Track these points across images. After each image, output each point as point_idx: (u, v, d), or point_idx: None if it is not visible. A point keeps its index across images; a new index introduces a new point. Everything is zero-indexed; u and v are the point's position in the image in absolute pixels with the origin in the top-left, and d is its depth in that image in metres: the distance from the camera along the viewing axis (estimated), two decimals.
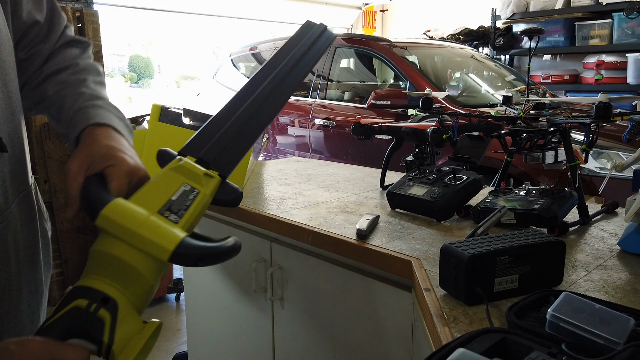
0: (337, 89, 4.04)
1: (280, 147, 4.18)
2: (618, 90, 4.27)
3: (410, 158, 1.48)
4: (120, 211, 0.56)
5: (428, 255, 0.99)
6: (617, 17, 4.28)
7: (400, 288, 1.02)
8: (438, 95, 1.69)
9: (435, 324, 0.73)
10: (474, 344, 0.57)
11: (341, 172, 1.83)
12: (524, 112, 1.25)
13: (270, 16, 6.48)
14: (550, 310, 0.61)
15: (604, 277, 0.88)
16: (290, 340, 1.34)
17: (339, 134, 3.64)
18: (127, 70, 19.60)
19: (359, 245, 1.07)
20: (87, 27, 2.86)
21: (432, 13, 6.32)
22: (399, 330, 1.04)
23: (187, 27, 15.60)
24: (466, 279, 0.75)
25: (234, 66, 5.04)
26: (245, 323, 1.50)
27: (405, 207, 1.28)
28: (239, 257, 0.66)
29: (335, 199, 1.43)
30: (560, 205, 1.08)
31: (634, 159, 1.06)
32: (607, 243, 1.05)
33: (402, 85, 3.56)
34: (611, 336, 0.56)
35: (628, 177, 1.23)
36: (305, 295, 1.27)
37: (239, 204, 0.65)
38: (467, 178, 1.23)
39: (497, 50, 5.24)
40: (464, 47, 4.41)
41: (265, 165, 1.99)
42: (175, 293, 3.01)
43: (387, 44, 3.76)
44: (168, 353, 2.43)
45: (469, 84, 3.86)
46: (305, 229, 1.18)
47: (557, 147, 1.23)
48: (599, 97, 1.08)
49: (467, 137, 1.32)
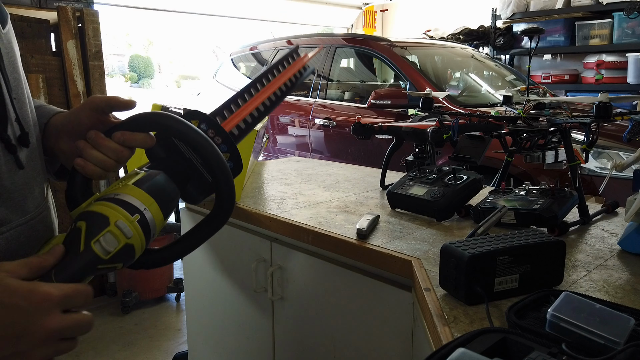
0: (337, 88, 4.04)
1: (280, 147, 4.18)
2: (618, 90, 4.27)
3: (411, 158, 1.48)
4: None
5: (428, 255, 0.99)
6: (618, 16, 4.28)
7: (401, 288, 1.02)
8: (438, 95, 1.69)
9: (436, 323, 0.73)
10: (474, 343, 0.57)
11: (341, 172, 1.83)
12: (524, 112, 1.25)
13: (270, 16, 6.48)
14: (551, 310, 0.61)
15: (604, 277, 0.88)
16: (291, 340, 1.34)
17: (339, 134, 3.64)
18: (127, 70, 19.62)
19: (359, 245, 1.07)
20: (87, 27, 2.86)
21: (432, 13, 6.32)
22: (399, 330, 1.04)
23: (187, 27, 15.61)
24: (466, 279, 0.75)
25: (234, 66, 5.04)
26: (246, 323, 1.50)
27: (405, 207, 1.28)
28: (239, 257, 0.67)
29: (336, 199, 1.43)
30: (560, 205, 1.08)
31: (634, 159, 1.06)
32: (607, 243, 1.05)
33: (402, 85, 3.56)
34: (611, 336, 0.56)
35: (628, 177, 1.24)
36: (306, 295, 1.27)
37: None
38: (467, 178, 1.23)
39: (497, 50, 5.24)
40: (464, 47, 4.41)
41: (266, 165, 1.99)
42: (175, 293, 3.01)
43: (387, 43, 3.76)
44: (168, 353, 2.43)
45: (469, 84, 3.86)
46: (306, 228, 1.18)
47: (557, 147, 1.23)
48: (599, 97, 1.08)
49: (467, 137, 1.32)
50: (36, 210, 0.70)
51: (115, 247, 0.61)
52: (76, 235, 0.61)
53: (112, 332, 2.64)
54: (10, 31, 0.71)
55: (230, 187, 0.70)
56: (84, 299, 0.59)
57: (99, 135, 0.69)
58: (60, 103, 2.80)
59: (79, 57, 2.85)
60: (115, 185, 0.67)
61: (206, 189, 0.73)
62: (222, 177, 0.69)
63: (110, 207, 0.62)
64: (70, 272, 0.60)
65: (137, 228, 0.63)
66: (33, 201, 0.70)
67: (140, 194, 0.65)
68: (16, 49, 0.72)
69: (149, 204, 0.65)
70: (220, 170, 0.69)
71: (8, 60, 0.67)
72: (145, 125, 0.70)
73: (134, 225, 0.62)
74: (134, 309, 2.86)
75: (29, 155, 0.70)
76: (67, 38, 2.80)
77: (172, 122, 0.67)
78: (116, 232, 0.61)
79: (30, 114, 0.72)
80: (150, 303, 2.94)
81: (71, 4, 2.87)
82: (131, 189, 0.65)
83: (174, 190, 0.71)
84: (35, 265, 0.58)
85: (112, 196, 0.64)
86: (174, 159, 0.72)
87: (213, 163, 0.68)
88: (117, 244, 0.61)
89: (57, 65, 2.82)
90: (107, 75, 3.10)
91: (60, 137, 0.76)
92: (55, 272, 0.59)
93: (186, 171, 0.72)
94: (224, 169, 0.69)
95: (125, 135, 0.69)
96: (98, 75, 2.94)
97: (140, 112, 0.71)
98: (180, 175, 0.72)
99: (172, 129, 0.68)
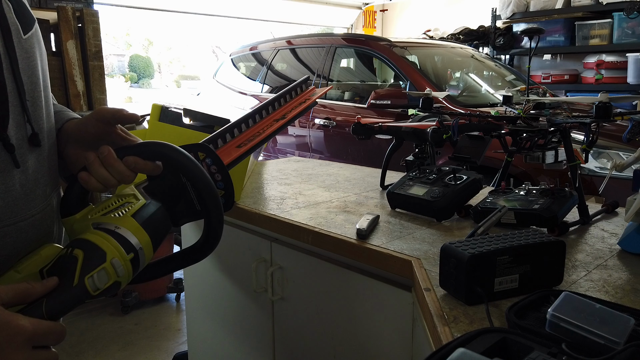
0: (337, 88, 4.04)
1: (280, 147, 4.18)
2: (618, 90, 4.27)
3: (411, 158, 1.48)
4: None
5: (428, 255, 0.99)
6: (617, 16, 4.28)
7: (400, 288, 1.02)
8: (438, 95, 1.69)
9: (436, 323, 0.73)
10: (474, 343, 0.57)
11: (341, 172, 1.83)
12: (524, 111, 1.25)
13: (270, 16, 6.48)
14: (551, 310, 0.61)
15: (604, 276, 0.88)
16: (291, 340, 1.34)
17: (339, 134, 3.64)
18: (127, 70, 19.62)
19: (359, 245, 1.07)
20: (87, 27, 2.86)
21: (432, 13, 6.32)
22: (399, 330, 1.04)
23: (187, 27, 15.61)
24: (466, 279, 0.75)
25: (234, 66, 5.04)
26: (246, 323, 1.50)
27: (405, 207, 1.28)
28: (239, 257, 0.68)
29: (336, 199, 1.43)
30: (560, 205, 1.08)
31: (634, 159, 1.06)
32: (607, 243, 1.05)
33: (402, 85, 3.56)
34: (611, 336, 0.56)
35: (628, 177, 1.24)
36: (306, 295, 1.27)
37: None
38: (467, 178, 1.23)
39: (497, 50, 5.24)
40: (464, 47, 4.40)
41: (266, 165, 1.99)
42: (175, 293, 3.01)
43: (387, 43, 3.75)
44: (168, 353, 2.43)
45: (469, 84, 3.86)
46: (306, 228, 1.18)
47: (557, 147, 1.23)
48: (599, 96, 1.08)
49: (467, 137, 1.32)
50: (29, 212, 0.70)
51: (105, 284, 0.62)
52: (71, 265, 0.62)
53: (112, 332, 2.64)
54: (34, 37, 0.73)
55: (220, 226, 0.72)
56: (56, 339, 0.60)
57: (111, 155, 0.70)
58: (59, 103, 2.79)
59: (79, 57, 2.85)
60: (114, 208, 0.68)
61: (192, 215, 0.75)
62: (215, 216, 0.71)
63: (108, 242, 0.63)
64: (61, 306, 0.61)
65: (128, 267, 0.64)
66: (29, 203, 0.70)
67: (138, 230, 0.66)
68: (39, 54, 0.74)
69: (144, 242, 0.67)
70: (215, 212, 0.71)
71: (27, 64, 0.70)
72: (156, 155, 0.71)
73: (126, 265, 0.64)
74: (134, 309, 2.86)
75: (37, 157, 0.71)
76: (67, 38, 2.80)
77: (181, 158, 0.70)
78: (110, 270, 0.62)
79: (45, 117, 0.74)
80: (150, 303, 2.94)
81: (71, 4, 2.87)
82: (130, 223, 0.66)
83: (168, 225, 0.73)
84: (21, 292, 0.59)
85: (112, 228, 0.65)
86: (170, 180, 0.73)
87: (211, 204, 0.71)
88: (108, 281, 0.62)
89: (57, 65, 2.82)
90: (107, 75, 3.10)
91: (69, 143, 0.78)
92: (46, 303, 0.60)
93: (178, 194, 0.73)
94: (218, 210, 0.71)
95: (138, 162, 0.71)
96: (98, 75, 2.94)
97: (151, 141, 0.73)
98: (172, 198, 0.73)
99: (181, 165, 0.70)
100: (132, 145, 0.74)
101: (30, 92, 0.70)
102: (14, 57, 0.67)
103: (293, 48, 4.44)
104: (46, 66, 0.77)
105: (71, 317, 2.74)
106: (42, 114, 0.73)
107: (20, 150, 0.67)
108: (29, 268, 0.65)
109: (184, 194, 0.73)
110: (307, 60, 4.31)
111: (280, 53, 4.52)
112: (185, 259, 0.75)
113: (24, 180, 0.69)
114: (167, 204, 0.73)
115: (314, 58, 4.18)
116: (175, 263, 0.75)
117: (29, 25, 0.71)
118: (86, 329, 2.66)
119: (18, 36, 0.68)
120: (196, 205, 0.73)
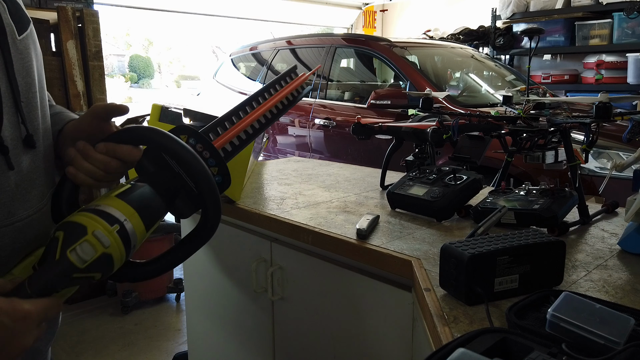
0: (337, 88, 4.04)
1: (280, 147, 4.18)
2: (618, 90, 4.27)
3: (411, 158, 1.48)
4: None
5: (428, 255, 0.99)
6: (617, 16, 4.28)
7: (400, 288, 1.02)
8: (438, 95, 1.69)
9: (436, 323, 0.73)
10: (474, 343, 0.57)
11: (341, 172, 1.83)
12: (524, 112, 1.25)
13: (270, 16, 6.48)
14: (551, 310, 0.61)
15: (604, 277, 0.88)
16: (291, 340, 1.34)
17: (339, 134, 3.64)
18: (127, 70, 19.62)
19: (359, 245, 1.07)
20: (87, 27, 2.86)
21: (432, 13, 6.32)
22: (399, 330, 1.04)
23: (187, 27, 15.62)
24: (466, 279, 0.75)
25: (234, 66, 5.04)
26: (246, 323, 1.50)
27: (405, 207, 1.28)
28: (239, 257, 0.68)
29: (336, 199, 1.43)
30: (560, 205, 1.08)
31: (634, 159, 1.06)
32: (607, 243, 1.05)
33: (402, 85, 3.56)
34: (611, 336, 0.56)
35: (628, 177, 1.23)
36: (306, 295, 1.27)
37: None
38: (467, 178, 1.23)
39: (497, 50, 5.24)
40: (464, 47, 4.40)
41: (266, 165, 1.99)
42: (175, 293, 3.01)
43: (387, 43, 3.75)
44: (168, 353, 2.43)
45: (469, 84, 3.86)
46: (306, 229, 1.18)
47: (557, 147, 1.23)
48: (599, 97, 1.08)
49: (467, 137, 1.32)
50: (25, 213, 0.70)
51: (92, 256, 0.61)
52: (53, 244, 0.62)
53: (112, 332, 2.64)
54: (29, 37, 0.73)
55: (216, 200, 0.71)
56: (55, 312, 0.61)
57: (87, 146, 0.70)
58: (59, 103, 2.78)
59: (79, 57, 2.85)
60: (100, 197, 0.68)
61: (195, 204, 0.74)
62: (207, 189, 0.70)
63: (89, 217, 0.63)
64: (44, 280, 0.60)
65: (116, 238, 0.63)
66: (24, 204, 0.70)
67: (121, 205, 0.65)
68: (34, 55, 0.73)
69: (129, 215, 0.65)
70: (205, 182, 0.69)
71: (21, 65, 0.70)
72: (132, 138, 0.71)
73: (112, 235, 0.63)
74: (134, 309, 2.86)
75: (32, 158, 0.71)
76: (67, 38, 2.80)
77: (157, 136, 0.69)
78: (93, 241, 0.61)
79: (40, 118, 0.74)
80: (150, 303, 2.94)
81: (71, 4, 2.87)
82: (112, 200, 0.66)
83: (158, 202, 0.71)
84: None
85: (93, 207, 0.65)
86: (162, 174, 0.73)
87: (198, 175, 0.69)
88: (94, 253, 0.61)
89: (57, 65, 2.82)
90: (107, 76, 3.10)
91: (66, 144, 0.78)
92: (29, 282, 0.60)
93: (175, 186, 0.73)
94: (209, 181, 0.70)
95: (109, 147, 0.70)
96: (98, 76, 2.94)
97: (134, 125, 0.72)
98: (168, 189, 0.72)
99: (157, 142, 0.69)
100: (109, 135, 0.73)
101: (25, 93, 0.70)
102: (9, 58, 0.67)
103: (293, 48, 4.44)
104: (42, 67, 0.77)
105: (71, 317, 2.75)
106: (37, 115, 0.73)
107: (15, 151, 0.67)
108: (24, 270, 0.66)
109: (180, 184, 0.72)
110: (307, 60, 4.31)
111: (280, 53, 4.52)
112: (188, 247, 0.73)
113: (19, 181, 0.69)
114: (160, 192, 0.71)
115: (314, 58, 4.19)
116: (178, 254, 0.73)
117: (24, 26, 0.71)
118: (86, 329, 2.66)
119: (13, 37, 0.68)
120: (195, 191, 0.72)
